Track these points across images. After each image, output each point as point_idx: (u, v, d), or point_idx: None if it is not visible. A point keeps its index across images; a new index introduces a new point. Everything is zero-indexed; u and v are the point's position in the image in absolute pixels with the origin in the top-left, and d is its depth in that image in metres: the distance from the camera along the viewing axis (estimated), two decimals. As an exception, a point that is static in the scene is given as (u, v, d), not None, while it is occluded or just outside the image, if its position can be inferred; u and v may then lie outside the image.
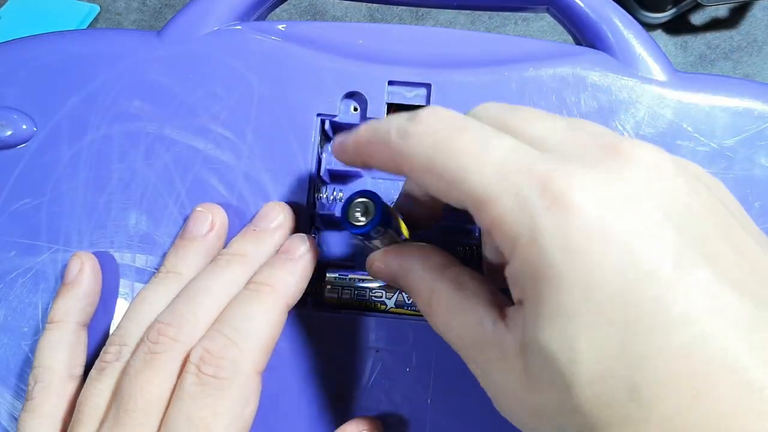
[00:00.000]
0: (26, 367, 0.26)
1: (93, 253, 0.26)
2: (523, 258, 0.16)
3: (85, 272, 0.25)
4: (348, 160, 0.21)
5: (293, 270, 0.23)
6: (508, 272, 0.17)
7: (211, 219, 0.25)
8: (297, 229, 0.26)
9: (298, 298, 0.23)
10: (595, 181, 0.16)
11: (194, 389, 0.21)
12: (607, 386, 0.15)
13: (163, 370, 0.21)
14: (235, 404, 0.21)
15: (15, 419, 0.26)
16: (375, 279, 0.25)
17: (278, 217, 0.25)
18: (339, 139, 0.22)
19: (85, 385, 0.23)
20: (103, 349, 0.23)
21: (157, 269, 0.25)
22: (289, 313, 0.23)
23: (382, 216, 0.21)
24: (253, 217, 0.25)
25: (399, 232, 0.22)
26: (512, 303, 0.18)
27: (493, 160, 0.17)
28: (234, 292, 0.23)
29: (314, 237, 0.26)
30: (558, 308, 0.15)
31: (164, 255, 0.25)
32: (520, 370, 0.17)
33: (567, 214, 0.15)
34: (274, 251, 0.24)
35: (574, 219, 0.15)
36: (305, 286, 0.24)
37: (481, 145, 0.17)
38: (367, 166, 0.21)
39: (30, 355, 0.26)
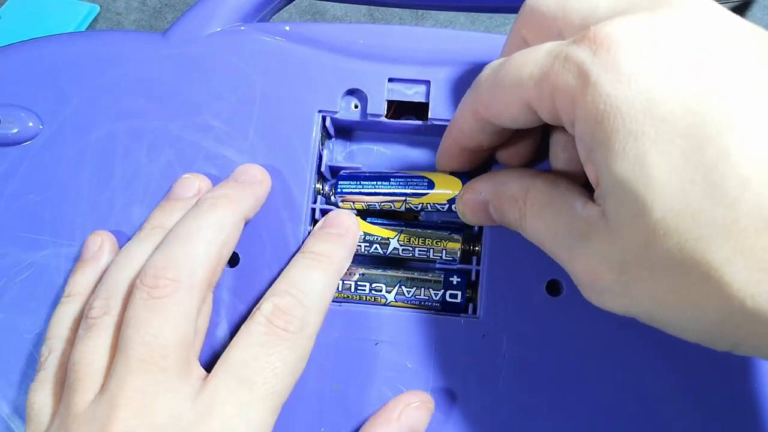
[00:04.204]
0: (29, 361, 0.26)
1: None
2: (584, 110, 0.17)
3: (105, 249, 0.25)
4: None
5: (344, 244, 0.25)
6: (578, 137, 0.18)
7: (198, 184, 0.26)
8: (296, 224, 0.26)
9: (346, 269, 0.25)
10: (637, 20, 0.17)
11: (264, 338, 0.22)
12: (687, 194, 0.15)
13: (174, 313, 0.21)
14: (297, 358, 0.22)
15: (18, 414, 0.26)
16: (462, 219, 0.25)
17: (255, 172, 0.26)
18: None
19: (75, 343, 0.22)
20: (87, 305, 0.23)
21: None
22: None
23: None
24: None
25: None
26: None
27: (546, 48, 0.19)
28: (225, 234, 0.23)
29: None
30: (624, 135, 0.16)
31: None
32: (604, 227, 0.18)
33: (610, 49, 0.16)
34: (254, 199, 0.25)
35: (618, 52, 0.16)
36: (351, 260, 0.25)
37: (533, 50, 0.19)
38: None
39: (33, 350, 0.26)
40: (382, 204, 0.27)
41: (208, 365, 0.23)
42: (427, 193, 0.26)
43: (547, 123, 0.20)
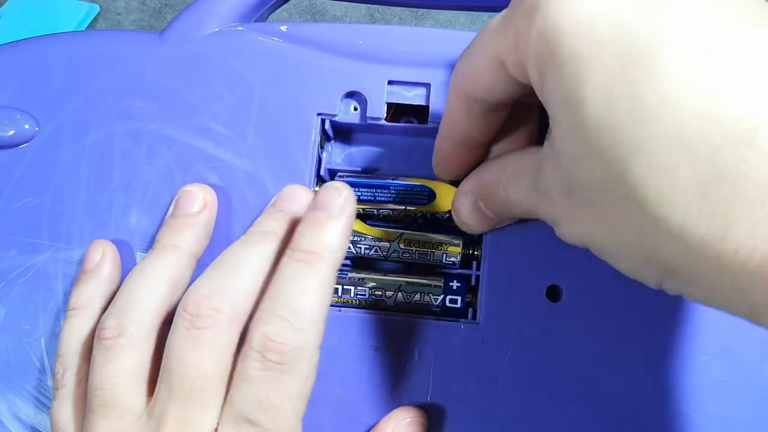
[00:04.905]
0: (28, 365, 0.26)
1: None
2: (534, 42, 0.17)
3: (107, 259, 0.25)
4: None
5: (336, 230, 0.22)
6: (530, 73, 0.18)
7: (202, 196, 0.25)
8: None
9: (343, 258, 0.23)
10: None
11: (260, 374, 0.21)
12: (612, 111, 0.15)
13: (215, 346, 0.21)
14: (301, 382, 0.21)
15: (17, 417, 0.26)
16: (464, 229, 0.25)
17: (302, 198, 0.25)
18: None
19: (92, 366, 0.22)
20: (98, 326, 0.23)
21: None
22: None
23: None
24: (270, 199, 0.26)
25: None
26: None
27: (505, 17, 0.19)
28: (270, 268, 0.23)
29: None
30: (566, 59, 0.16)
31: None
32: (552, 154, 0.18)
33: None
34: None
35: None
36: (348, 243, 0.23)
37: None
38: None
39: (31, 353, 0.26)
40: (381, 211, 0.26)
41: None
42: (427, 204, 0.26)
43: (523, 85, 0.20)
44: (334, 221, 0.22)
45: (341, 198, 0.22)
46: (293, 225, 0.24)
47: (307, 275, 0.21)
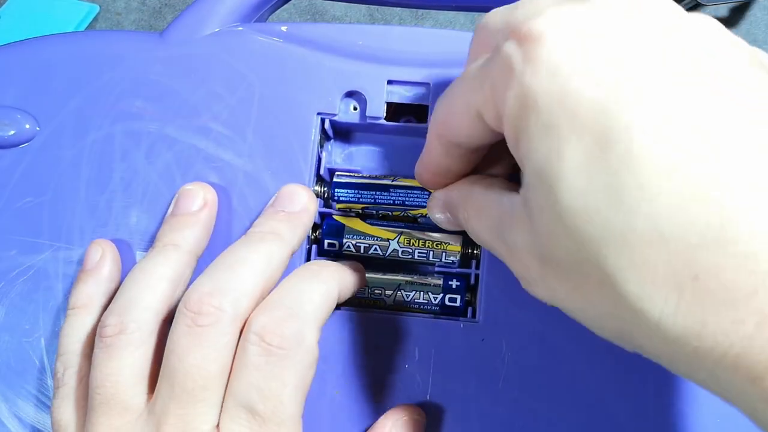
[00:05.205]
0: (28, 365, 0.26)
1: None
2: (509, 103, 0.17)
3: (106, 258, 0.25)
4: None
5: (295, 225, 0.24)
6: (505, 130, 0.18)
7: (203, 195, 0.25)
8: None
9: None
10: (564, 12, 0.16)
11: (259, 360, 0.21)
12: (588, 194, 0.15)
13: (216, 344, 0.21)
14: (301, 372, 0.21)
15: (17, 417, 0.26)
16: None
17: (304, 200, 0.25)
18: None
19: (94, 364, 0.22)
20: (100, 324, 0.23)
21: None
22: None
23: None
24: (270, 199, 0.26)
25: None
26: None
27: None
28: (271, 269, 0.23)
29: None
30: (540, 128, 0.16)
31: None
32: (526, 216, 0.17)
33: (534, 41, 0.16)
34: (304, 233, 0.25)
35: (540, 43, 0.16)
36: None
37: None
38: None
39: (31, 352, 0.26)
40: (381, 210, 0.27)
41: None
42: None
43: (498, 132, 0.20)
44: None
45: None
46: (296, 225, 0.24)
47: (313, 276, 0.23)
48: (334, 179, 0.27)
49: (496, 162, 0.23)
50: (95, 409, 0.22)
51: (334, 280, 0.23)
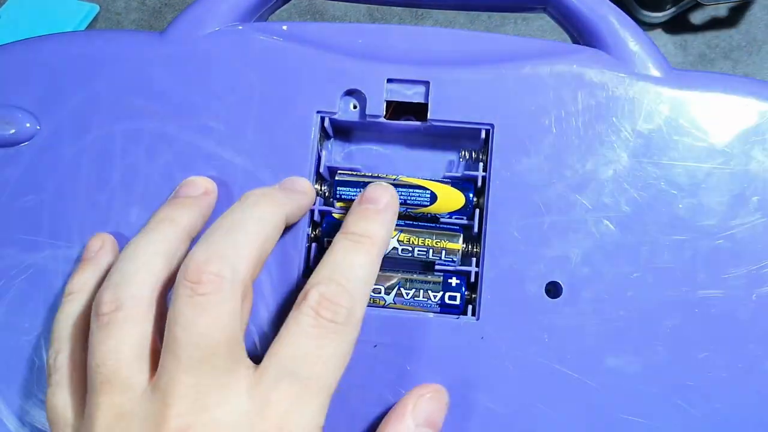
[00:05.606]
0: (27, 363, 0.26)
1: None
2: None
3: (106, 249, 0.25)
4: None
5: (383, 221, 0.24)
6: None
7: (205, 185, 0.26)
8: (295, 225, 0.26)
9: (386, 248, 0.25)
10: None
11: (312, 330, 0.21)
12: None
13: (220, 311, 0.21)
14: (346, 349, 0.22)
15: (17, 416, 0.26)
16: None
17: (302, 183, 0.26)
18: None
19: (91, 344, 0.22)
20: (95, 302, 0.22)
21: None
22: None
23: None
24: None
25: None
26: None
27: None
28: (267, 230, 0.23)
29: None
30: None
31: None
32: None
33: None
34: (298, 206, 0.25)
35: None
36: (391, 236, 0.25)
37: None
38: None
39: (31, 351, 0.26)
40: None
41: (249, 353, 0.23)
42: (428, 207, 0.26)
43: None
44: (382, 214, 0.24)
45: (388, 194, 0.25)
46: (293, 198, 0.25)
47: (361, 254, 0.23)
48: (336, 177, 0.27)
49: None
50: (96, 389, 0.21)
51: (377, 248, 0.24)
